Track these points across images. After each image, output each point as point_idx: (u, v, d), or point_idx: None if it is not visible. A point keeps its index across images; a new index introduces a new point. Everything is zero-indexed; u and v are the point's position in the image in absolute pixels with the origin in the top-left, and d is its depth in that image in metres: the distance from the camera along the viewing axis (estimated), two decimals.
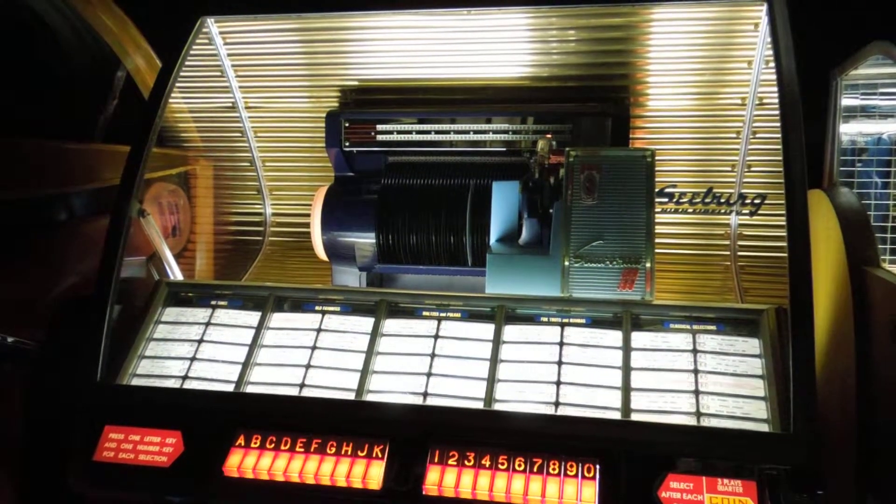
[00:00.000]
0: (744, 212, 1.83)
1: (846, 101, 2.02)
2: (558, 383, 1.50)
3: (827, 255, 1.79)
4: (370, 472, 1.41)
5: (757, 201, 1.75)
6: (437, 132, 2.05)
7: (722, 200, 1.76)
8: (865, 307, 1.65)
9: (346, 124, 2.09)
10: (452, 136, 2.05)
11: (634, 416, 1.42)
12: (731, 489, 1.30)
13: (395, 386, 1.55)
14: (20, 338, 1.76)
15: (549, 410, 1.46)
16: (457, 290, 1.83)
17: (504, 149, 2.03)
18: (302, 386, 1.59)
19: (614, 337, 1.55)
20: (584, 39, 1.94)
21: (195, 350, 1.68)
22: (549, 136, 1.95)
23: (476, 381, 1.52)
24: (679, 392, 1.45)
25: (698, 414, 1.41)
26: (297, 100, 2.25)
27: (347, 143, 2.10)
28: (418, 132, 2.06)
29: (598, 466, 1.35)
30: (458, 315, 1.65)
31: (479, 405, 1.48)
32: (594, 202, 1.65)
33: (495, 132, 2.02)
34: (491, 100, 2.09)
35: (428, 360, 1.58)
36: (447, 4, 1.87)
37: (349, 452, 1.43)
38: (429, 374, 1.56)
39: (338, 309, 1.71)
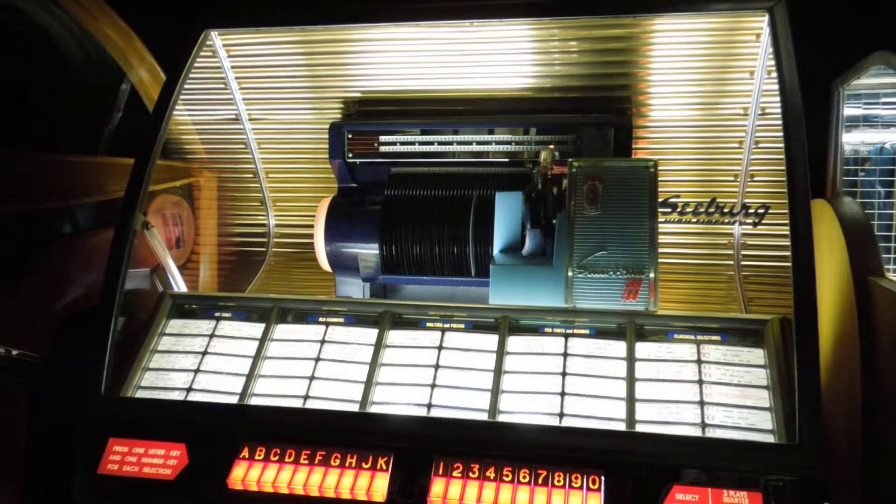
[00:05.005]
0: (747, 222, 1.83)
1: (848, 110, 2.02)
2: (562, 394, 1.49)
3: (831, 265, 1.78)
4: (374, 485, 1.40)
5: (760, 211, 1.75)
6: (440, 143, 2.05)
7: (725, 211, 1.76)
8: (870, 317, 1.65)
9: (350, 135, 2.10)
10: (455, 147, 2.05)
11: (639, 427, 1.42)
12: (736, 500, 1.29)
13: (399, 397, 1.55)
14: (25, 351, 1.76)
15: (554, 422, 1.46)
16: (460, 301, 1.84)
17: (507, 159, 2.03)
18: (306, 398, 1.59)
19: (618, 347, 1.54)
20: (587, 50, 1.95)
21: (199, 362, 1.68)
22: (551, 146, 1.95)
23: (480, 393, 1.52)
24: (684, 403, 1.44)
25: (703, 425, 1.41)
26: (300, 111, 2.26)
27: (350, 155, 2.11)
28: (421, 143, 2.06)
29: (602, 478, 1.35)
30: (462, 326, 1.65)
31: (484, 416, 1.48)
32: (597, 212, 1.65)
33: (498, 143, 2.02)
34: (493, 111, 2.09)
35: (432, 371, 1.58)
36: (449, 17, 1.87)
37: (353, 464, 1.43)
38: (433, 386, 1.56)
39: (342, 320, 1.71)
